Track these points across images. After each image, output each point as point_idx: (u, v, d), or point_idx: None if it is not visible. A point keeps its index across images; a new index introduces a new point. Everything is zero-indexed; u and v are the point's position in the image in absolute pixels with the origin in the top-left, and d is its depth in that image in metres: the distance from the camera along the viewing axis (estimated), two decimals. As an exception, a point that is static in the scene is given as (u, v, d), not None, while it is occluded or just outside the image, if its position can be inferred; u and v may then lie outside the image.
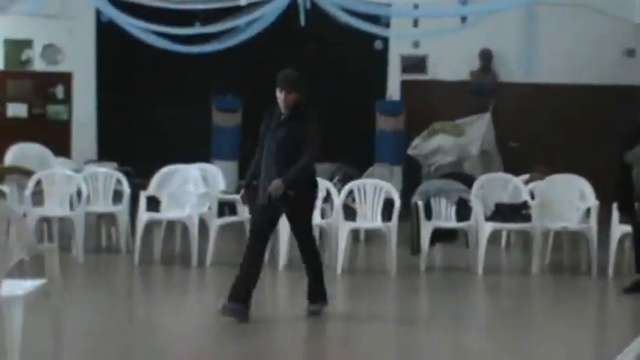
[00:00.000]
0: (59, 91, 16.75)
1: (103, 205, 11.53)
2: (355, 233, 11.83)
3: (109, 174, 11.72)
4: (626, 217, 9.97)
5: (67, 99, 16.80)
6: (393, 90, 16.65)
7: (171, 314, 8.40)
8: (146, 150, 15.30)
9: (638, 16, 15.31)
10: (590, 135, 15.73)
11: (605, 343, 7.88)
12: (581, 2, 15.23)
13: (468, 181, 11.90)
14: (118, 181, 11.55)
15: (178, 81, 16.02)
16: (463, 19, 14.64)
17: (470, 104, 15.91)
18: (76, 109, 16.81)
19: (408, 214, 11.04)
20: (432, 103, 16.32)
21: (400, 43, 16.35)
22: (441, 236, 10.99)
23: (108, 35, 15.82)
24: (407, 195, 11.71)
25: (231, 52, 14.10)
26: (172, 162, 11.47)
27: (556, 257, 11.31)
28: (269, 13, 13.17)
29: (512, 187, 11.47)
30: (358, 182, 11.03)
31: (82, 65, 16.65)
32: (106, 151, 16.07)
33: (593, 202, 10.82)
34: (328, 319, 8.34)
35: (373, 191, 10.77)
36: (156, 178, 11.19)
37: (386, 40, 16.17)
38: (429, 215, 10.88)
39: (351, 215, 10.80)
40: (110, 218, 11.72)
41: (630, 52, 16.13)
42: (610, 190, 10.13)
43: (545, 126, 15.99)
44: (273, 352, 7.03)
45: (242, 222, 10.87)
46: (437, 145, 15.26)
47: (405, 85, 16.60)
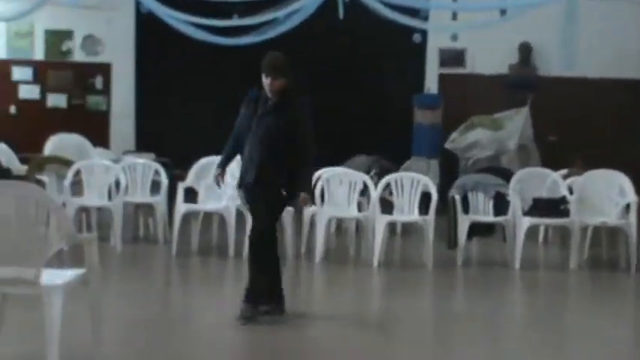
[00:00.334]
0: (98, 81, 16.86)
1: (140, 195, 11.60)
2: (392, 226, 11.82)
3: (147, 165, 11.79)
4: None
5: (106, 90, 16.91)
6: (431, 83, 16.59)
7: (207, 305, 8.43)
8: (184, 141, 15.36)
9: (681, 9, 15.17)
10: (630, 130, 15.59)
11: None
12: (622, -5, 15.12)
13: (506, 175, 11.85)
14: (156, 172, 11.62)
15: (216, 72, 16.05)
16: (502, 12, 14.56)
17: (508, 98, 15.80)
18: (114, 99, 16.92)
19: (445, 207, 11.01)
20: (470, 96, 16.24)
21: (439, 36, 16.30)
22: (478, 230, 10.95)
23: (147, 26, 15.90)
24: (444, 189, 11.68)
25: (269, 44, 14.09)
26: (210, 154, 11.50)
27: (594, 253, 11.24)
28: (308, 5, 13.15)
29: (550, 181, 11.41)
30: (395, 175, 11.01)
31: (121, 56, 16.74)
32: (143, 142, 16.16)
33: (632, 197, 10.74)
34: (364, 312, 8.36)
35: (410, 184, 10.75)
36: (193, 170, 11.23)
37: (424, 33, 16.11)
38: (467, 209, 10.84)
39: (388, 208, 10.79)
40: (148, 209, 11.80)
41: (672, 46, 15.97)
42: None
43: (584, 120, 15.88)
44: (307, 346, 7.03)
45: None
46: (475, 139, 15.18)
47: (442, 78, 16.55)
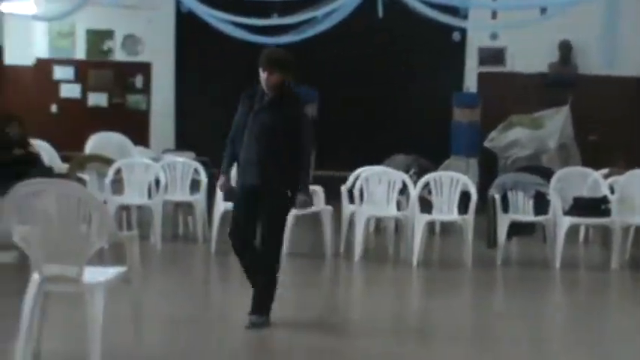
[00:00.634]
0: (138, 80, 16.98)
1: (180, 194, 11.66)
2: (431, 226, 11.79)
3: (187, 163, 11.84)
4: None
5: (146, 89, 17.02)
6: (470, 82, 16.53)
7: (247, 304, 8.43)
8: (223, 140, 15.39)
9: None
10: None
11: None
12: (665, -8, 14.96)
13: (546, 174, 11.77)
14: (196, 171, 11.66)
15: (255, 72, 16.07)
16: (542, 11, 14.45)
17: (548, 97, 15.71)
18: (154, 98, 17.02)
19: (484, 207, 10.97)
20: (509, 95, 16.15)
21: (478, 34, 16.24)
22: (518, 230, 10.89)
23: (187, 26, 15.98)
24: (483, 188, 11.63)
25: (307, 43, 14.11)
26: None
27: (636, 253, 11.14)
28: (347, 4, 13.14)
29: (591, 181, 11.33)
30: (435, 174, 10.98)
31: (161, 55, 16.84)
32: (183, 141, 16.24)
33: (675, 197, 10.64)
34: (403, 311, 8.35)
35: (450, 184, 10.72)
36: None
37: (464, 31, 16.05)
38: (506, 208, 10.79)
39: (427, 208, 10.76)
40: (187, 207, 11.85)
41: None
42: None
43: (625, 119, 15.74)
44: (347, 347, 7.02)
45: (318, 212, 10.89)
46: (514, 137, 15.09)
47: (482, 77, 16.47)
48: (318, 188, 11.35)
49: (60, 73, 16.94)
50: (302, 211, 6.97)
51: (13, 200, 5.64)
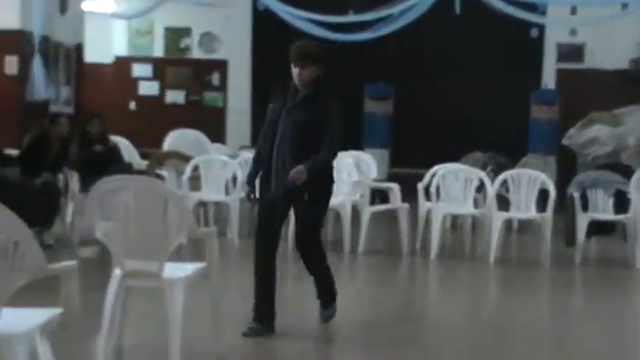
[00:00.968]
0: (215, 78, 17.14)
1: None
2: (508, 223, 11.68)
3: (264, 160, 11.88)
4: None
5: (222, 86, 17.17)
6: (548, 79, 16.35)
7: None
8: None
9: None
10: None
11: None
12: None
13: (626, 172, 11.56)
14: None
15: (331, 69, 16.10)
16: (624, 6, 14.23)
17: (629, 94, 15.46)
18: (231, 96, 17.15)
19: (563, 205, 10.83)
20: (589, 92, 15.94)
21: (557, 30, 16.05)
22: (597, 229, 10.73)
23: (264, 23, 16.07)
24: (561, 186, 11.48)
25: (383, 40, 14.10)
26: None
27: None
28: (423, 1, 13.11)
29: (673, 179, 11.09)
30: (512, 172, 10.88)
31: (237, 53, 16.97)
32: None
33: None
34: (481, 309, 8.29)
35: (527, 181, 10.61)
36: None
37: (542, 27, 15.89)
38: (585, 207, 10.64)
39: (505, 205, 10.67)
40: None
41: None
42: None
43: None
44: (424, 343, 7.00)
45: (394, 210, 10.87)
46: (593, 135, 14.89)
47: (560, 73, 16.29)
48: (395, 186, 11.35)
49: (138, 70, 17.18)
50: (297, 182, 6.47)
51: (95, 197, 5.73)
